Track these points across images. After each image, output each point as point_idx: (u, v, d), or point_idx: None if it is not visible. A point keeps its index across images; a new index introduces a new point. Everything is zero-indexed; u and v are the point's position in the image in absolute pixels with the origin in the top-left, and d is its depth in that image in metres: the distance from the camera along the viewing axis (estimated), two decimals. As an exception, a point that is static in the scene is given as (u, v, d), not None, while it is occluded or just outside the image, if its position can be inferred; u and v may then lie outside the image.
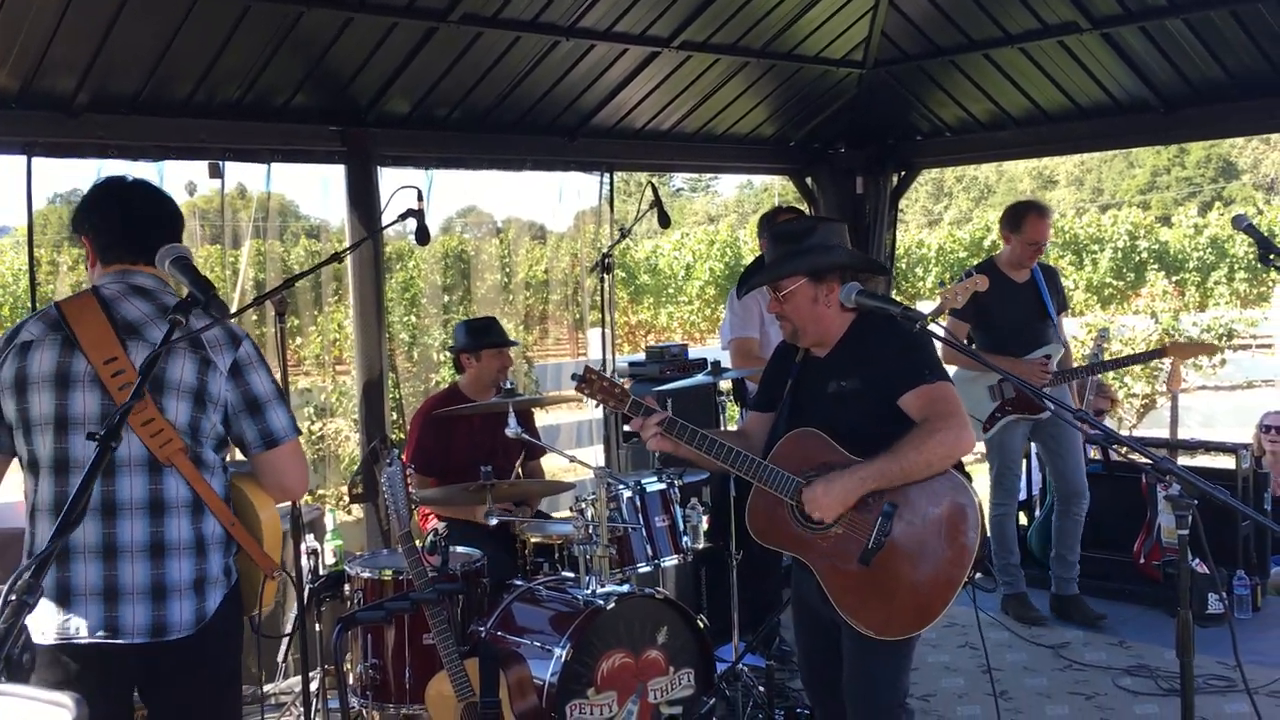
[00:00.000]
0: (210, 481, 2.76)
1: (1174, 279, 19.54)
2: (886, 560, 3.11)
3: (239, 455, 2.93)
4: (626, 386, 3.41)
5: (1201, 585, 5.61)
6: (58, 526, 1.71)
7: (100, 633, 2.62)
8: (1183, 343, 5.75)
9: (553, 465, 6.59)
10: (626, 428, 6.16)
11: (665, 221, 5.77)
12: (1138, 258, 20.55)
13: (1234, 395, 13.76)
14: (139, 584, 2.66)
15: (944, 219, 27.04)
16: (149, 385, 2.51)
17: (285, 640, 5.18)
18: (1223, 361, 12.86)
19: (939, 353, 3.28)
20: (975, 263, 20.50)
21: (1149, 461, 2.55)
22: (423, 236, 4.56)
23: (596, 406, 3.38)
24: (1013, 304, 5.81)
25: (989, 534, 6.01)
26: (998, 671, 5.34)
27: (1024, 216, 5.78)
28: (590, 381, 3.36)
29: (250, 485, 2.88)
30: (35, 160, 4.90)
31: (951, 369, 6.04)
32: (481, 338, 5.25)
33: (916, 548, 3.12)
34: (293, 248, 18.86)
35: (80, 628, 2.63)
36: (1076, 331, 12.63)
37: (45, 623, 2.62)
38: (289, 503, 4.14)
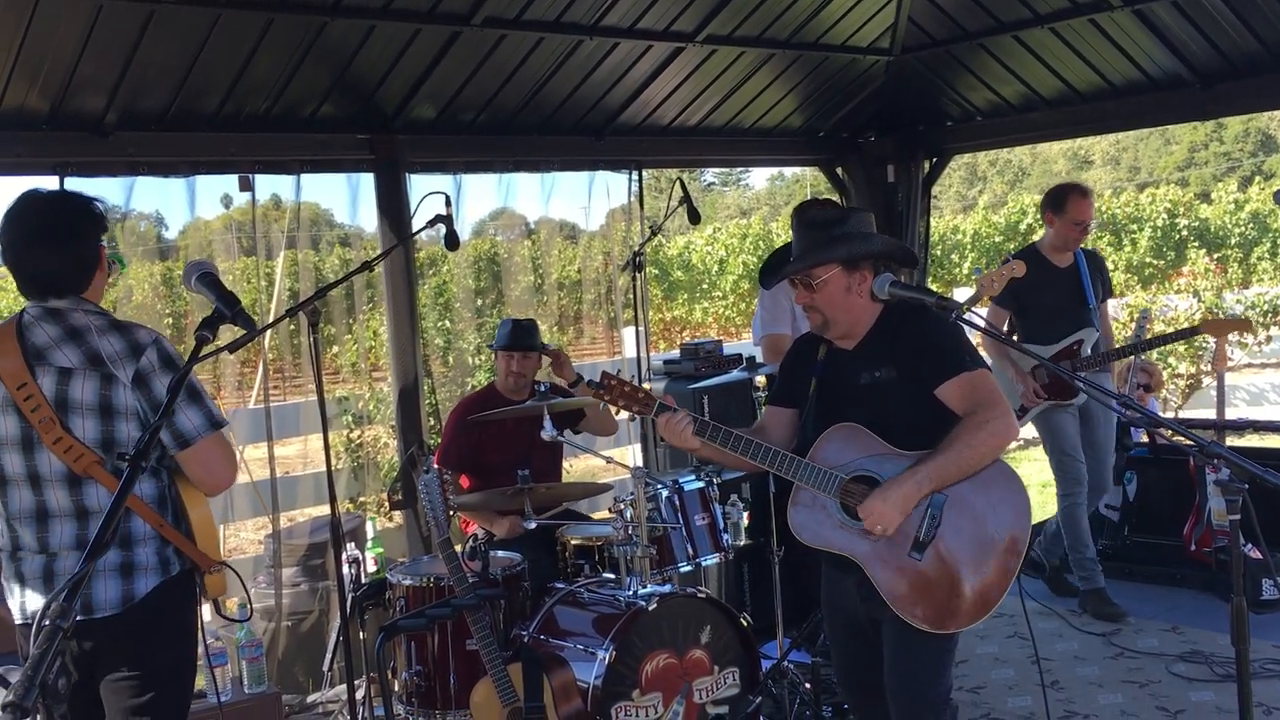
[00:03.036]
0: (135, 487, 2.85)
1: (1215, 256, 19.23)
2: (939, 552, 3.06)
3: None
4: (649, 389, 3.25)
5: (1255, 571, 5.51)
6: (88, 551, 1.71)
7: None
8: (1218, 319, 5.65)
9: (591, 466, 6.59)
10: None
11: (695, 218, 5.74)
12: (1177, 236, 20.26)
13: (1281, 372, 13.52)
14: (70, 569, 2.88)
15: (979, 204, 26.87)
16: (54, 407, 2.81)
17: (330, 649, 5.20)
18: (1268, 338, 12.63)
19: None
20: (1013, 247, 20.26)
21: (1196, 445, 2.50)
22: (452, 242, 4.56)
23: (617, 413, 3.18)
24: (1051, 289, 5.74)
25: (1060, 526, 5.93)
26: (1048, 661, 5.27)
27: (1066, 197, 5.74)
28: (610, 387, 3.19)
29: (183, 484, 3.03)
30: (67, 180, 4.93)
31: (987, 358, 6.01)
32: (501, 338, 5.27)
33: (969, 537, 3.07)
34: (328, 257, 18.99)
35: (28, 607, 2.95)
36: (1117, 313, 12.45)
37: (12, 606, 2.95)
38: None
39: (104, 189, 5.45)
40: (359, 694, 4.52)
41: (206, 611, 6.53)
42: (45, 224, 2.92)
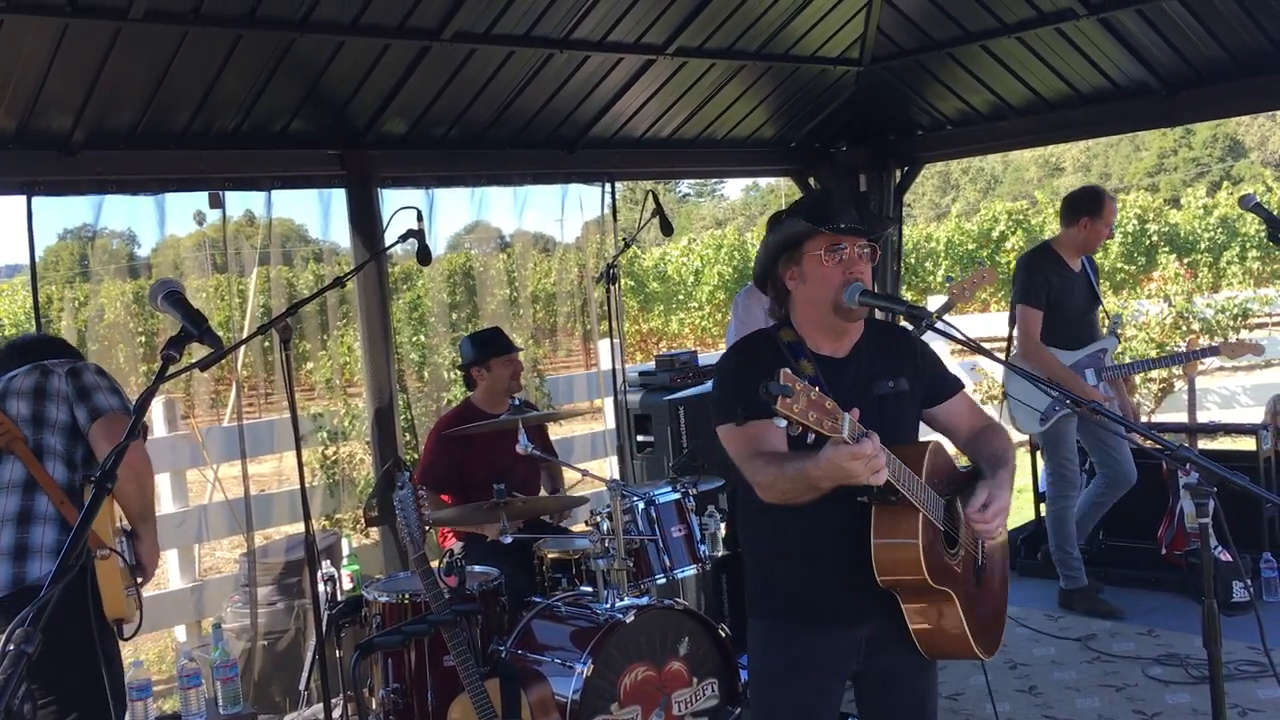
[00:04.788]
0: (49, 466, 3.26)
1: (1185, 261, 19.41)
2: (986, 574, 2.89)
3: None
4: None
5: (1225, 573, 5.54)
6: (55, 570, 1.70)
7: None
8: (1234, 343, 5.72)
9: (568, 479, 6.60)
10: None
11: (668, 229, 5.75)
12: (1148, 241, 20.43)
13: (1252, 375, 13.63)
14: None
15: (952, 212, 27.07)
16: None
17: (306, 668, 5.15)
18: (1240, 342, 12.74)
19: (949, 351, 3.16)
20: (985, 254, 20.16)
21: (1165, 449, 2.51)
22: (424, 257, 4.55)
23: (796, 430, 2.26)
24: (1074, 293, 5.78)
25: (1047, 526, 6.01)
26: (1025, 666, 5.29)
27: (1103, 201, 5.74)
28: (797, 394, 2.23)
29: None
30: (35, 199, 4.90)
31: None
32: (489, 348, 5.24)
33: (994, 553, 2.94)
34: (301, 273, 18.90)
35: None
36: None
37: None
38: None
39: (72, 207, 5.47)
40: (335, 713, 4.49)
41: (182, 633, 6.47)
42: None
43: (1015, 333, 5.87)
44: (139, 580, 3.48)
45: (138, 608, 3.37)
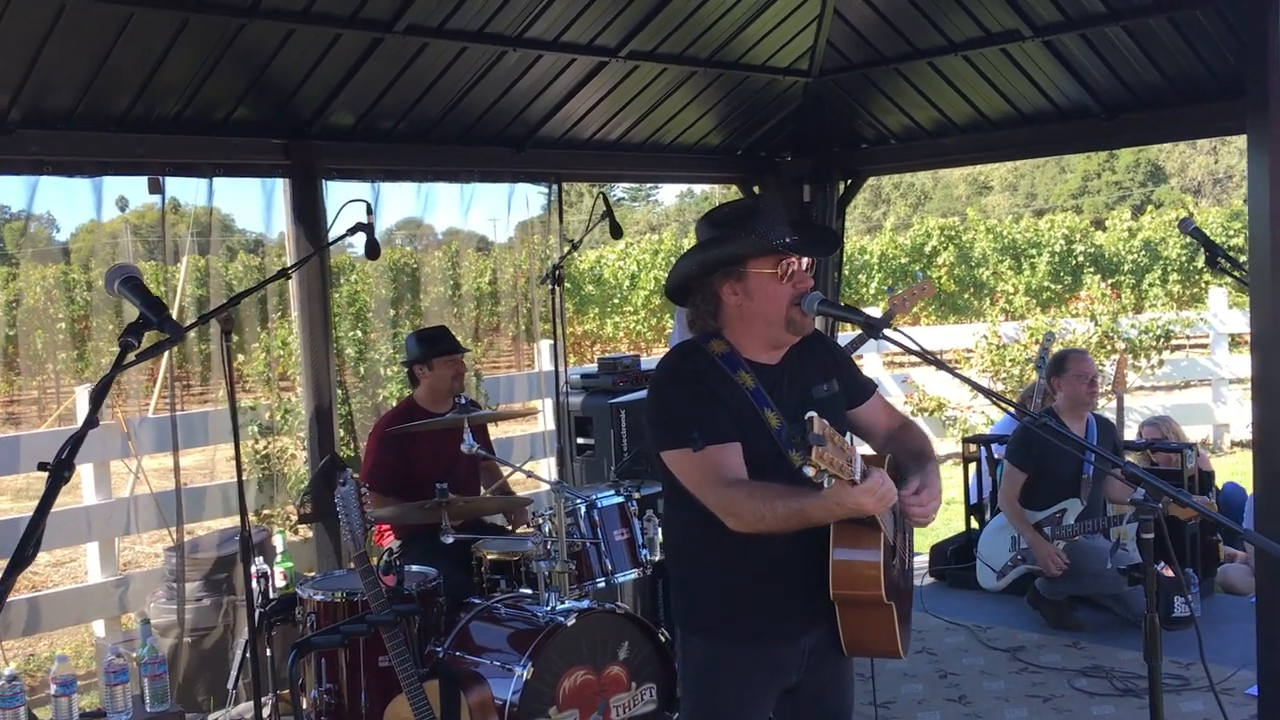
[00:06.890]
0: None
1: (1110, 281, 19.86)
2: (909, 577, 2.92)
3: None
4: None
5: (1167, 589, 5.65)
6: (10, 563, 1.64)
7: None
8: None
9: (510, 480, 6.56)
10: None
11: (617, 233, 5.75)
12: (1074, 261, 20.84)
13: (1172, 395, 14.00)
14: None
15: (884, 225, 27.44)
16: None
17: (236, 665, 5.05)
18: (1160, 362, 13.06)
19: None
20: (918, 268, 20.37)
21: (1119, 468, 2.56)
22: (373, 251, 4.49)
23: (822, 479, 2.19)
24: (1066, 456, 5.85)
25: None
26: (955, 676, 5.37)
27: (1065, 362, 6.09)
28: (829, 441, 2.19)
29: None
30: (-33, 178, 4.75)
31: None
32: (433, 347, 5.19)
33: (908, 546, 2.96)
34: (229, 263, 18.58)
35: None
36: (1019, 335, 12.75)
37: None
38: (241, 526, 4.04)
39: (6, 188, 5.29)
40: (265, 711, 4.41)
41: (101, 628, 6.30)
42: None
43: (1001, 485, 6.23)
44: None
45: None
